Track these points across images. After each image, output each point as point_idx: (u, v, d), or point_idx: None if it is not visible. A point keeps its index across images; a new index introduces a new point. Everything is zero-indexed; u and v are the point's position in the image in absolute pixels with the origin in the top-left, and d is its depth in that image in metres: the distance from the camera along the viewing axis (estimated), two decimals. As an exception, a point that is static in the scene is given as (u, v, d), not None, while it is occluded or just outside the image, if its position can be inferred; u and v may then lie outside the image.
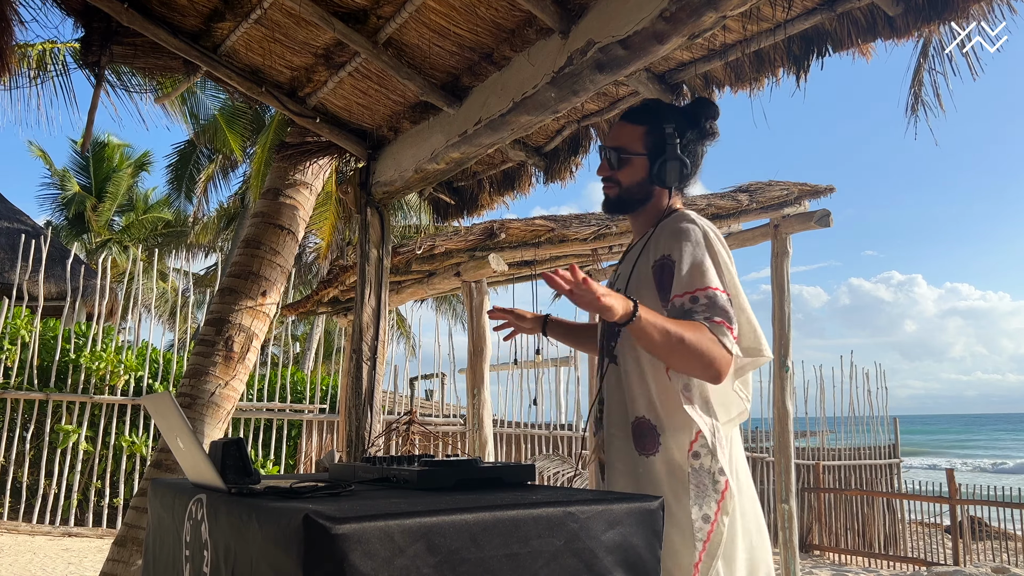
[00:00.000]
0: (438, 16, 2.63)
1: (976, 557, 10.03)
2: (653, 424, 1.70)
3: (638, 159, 1.83)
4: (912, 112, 2.47)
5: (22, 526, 7.84)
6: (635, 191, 1.84)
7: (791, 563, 5.05)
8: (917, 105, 2.47)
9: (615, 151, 1.85)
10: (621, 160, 1.83)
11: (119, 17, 2.93)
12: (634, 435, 1.72)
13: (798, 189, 5.09)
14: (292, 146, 3.84)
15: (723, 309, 1.62)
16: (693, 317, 1.61)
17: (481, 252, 5.61)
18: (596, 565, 1.26)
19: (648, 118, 1.85)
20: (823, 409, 11.69)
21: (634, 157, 1.83)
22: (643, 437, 1.70)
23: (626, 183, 1.84)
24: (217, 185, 18.17)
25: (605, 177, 1.87)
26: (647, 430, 1.70)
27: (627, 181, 1.84)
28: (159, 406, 1.56)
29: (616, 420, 1.78)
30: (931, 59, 2.36)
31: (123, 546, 3.57)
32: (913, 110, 2.48)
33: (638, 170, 1.83)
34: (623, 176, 1.84)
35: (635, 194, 1.85)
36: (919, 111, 2.47)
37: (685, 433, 1.68)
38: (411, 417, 5.61)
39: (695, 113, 1.87)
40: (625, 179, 1.84)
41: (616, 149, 1.85)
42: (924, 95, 2.45)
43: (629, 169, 1.84)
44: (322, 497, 1.32)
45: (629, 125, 1.86)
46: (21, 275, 9.25)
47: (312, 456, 9.03)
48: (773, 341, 5.13)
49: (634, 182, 1.84)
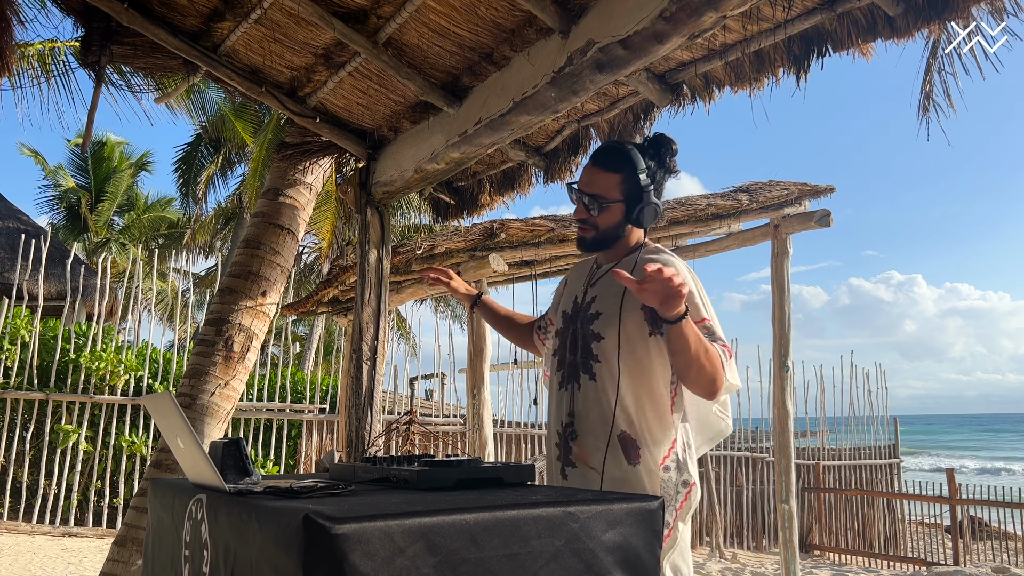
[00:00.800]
0: (438, 16, 2.63)
1: (976, 557, 10.03)
2: (634, 439, 1.82)
3: (616, 206, 1.90)
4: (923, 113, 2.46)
5: (22, 526, 7.84)
6: (611, 232, 1.93)
7: (791, 563, 5.05)
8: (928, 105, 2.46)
9: (593, 198, 1.90)
10: (600, 207, 1.89)
11: (119, 17, 2.93)
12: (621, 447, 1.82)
13: (798, 189, 5.09)
14: (292, 146, 3.84)
15: (722, 338, 1.78)
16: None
17: (481, 252, 5.62)
18: (596, 565, 1.26)
19: (622, 165, 1.90)
20: (823, 409, 11.70)
21: (612, 204, 1.89)
22: (628, 449, 1.82)
23: (603, 227, 1.92)
24: (216, 185, 18.17)
25: (581, 220, 1.94)
26: (630, 444, 1.81)
27: (604, 225, 1.91)
28: (159, 406, 1.56)
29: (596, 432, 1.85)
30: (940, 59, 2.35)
31: (123, 546, 3.57)
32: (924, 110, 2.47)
33: (615, 215, 1.91)
34: (601, 221, 1.91)
35: (611, 235, 1.93)
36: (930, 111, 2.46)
37: (661, 448, 1.82)
38: (411, 417, 5.60)
39: (658, 153, 1.94)
40: (603, 223, 1.91)
41: (594, 197, 1.90)
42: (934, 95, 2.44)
43: (607, 215, 1.90)
44: (322, 497, 1.32)
45: (604, 172, 1.91)
46: (21, 275, 9.25)
47: (312, 456, 9.03)
48: (773, 341, 5.13)
49: (610, 225, 1.92)
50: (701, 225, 5.35)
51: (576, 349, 1.93)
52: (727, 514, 10.34)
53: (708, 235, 5.64)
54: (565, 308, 2.03)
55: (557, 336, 2.03)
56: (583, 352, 1.90)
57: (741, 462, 10.64)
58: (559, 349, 2.00)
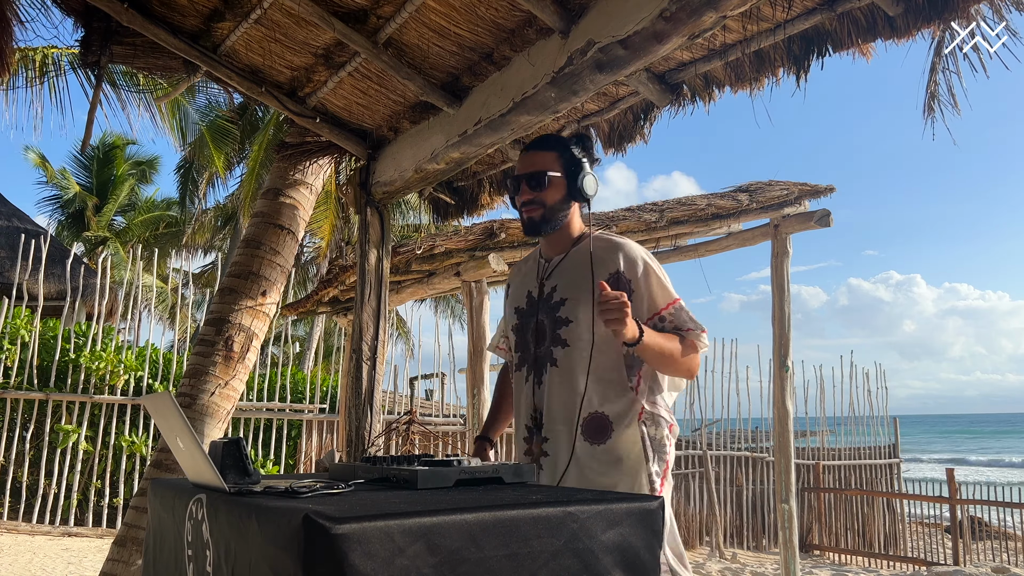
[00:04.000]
0: (438, 16, 2.63)
1: (976, 557, 10.03)
2: (606, 414, 1.91)
3: (558, 179, 1.99)
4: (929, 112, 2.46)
5: (22, 526, 7.84)
6: (557, 209, 2.00)
7: (791, 563, 5.05)
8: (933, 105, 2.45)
9: (536, 176, 1.98)
10: (545, 181, 1.98)
11: (119, 17, 2.93)
12: (585, 430, 1.90)
13: (798, 189, 5.10)
14: (292, 146, 3.84)
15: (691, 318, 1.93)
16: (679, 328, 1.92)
17: (481, 252, 5.62)
18: (596, 565, 1.26)
19: (554, 144, 2.04)
20: (823, 409, 11.69)
21: (554, 177, 1.99)
22: (596, 430, 1.90)
23: (550, 203, 1.99)
24: (216, 185, 18.18)
25: (527, 201, 2.00)
26: (601, 422, 1.90)
27: (551, 200, 1.99)
28: (159, 406, 1.56)
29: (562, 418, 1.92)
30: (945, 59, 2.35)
31: (123, 546, 3.57)
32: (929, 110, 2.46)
33: (559, 189, 2.00)
34: (547, 196, 1.99)
35: (557, 212, 2.00)
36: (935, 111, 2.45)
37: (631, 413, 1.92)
38: (411, 417, 5.61)
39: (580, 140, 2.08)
40: (549, 199, 1.99)
41: (537, 174, 1.99)
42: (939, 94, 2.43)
43: (551, 190, 1.99)
44: (322, 497, 1.32)
45: (540, 152, 2.02)
46: (21, 275, 9.24)
47: (312, 456, 9.03)
48: (773, 341, 5.13)
49: (556, 201, 2.00)
50: (701, 225, 5.35)
51: (540, 340, 1.99)
52: (727, 514, 10.33)
53: (708, 235, 5.65)
54: (518, 304, 2.08)
55: (514, 332, 2.07)
56: (549, 340, 1.96)
57: (741, 462, 10.63)
58: (518, 344, 2.05)
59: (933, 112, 2.47)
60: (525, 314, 2.05)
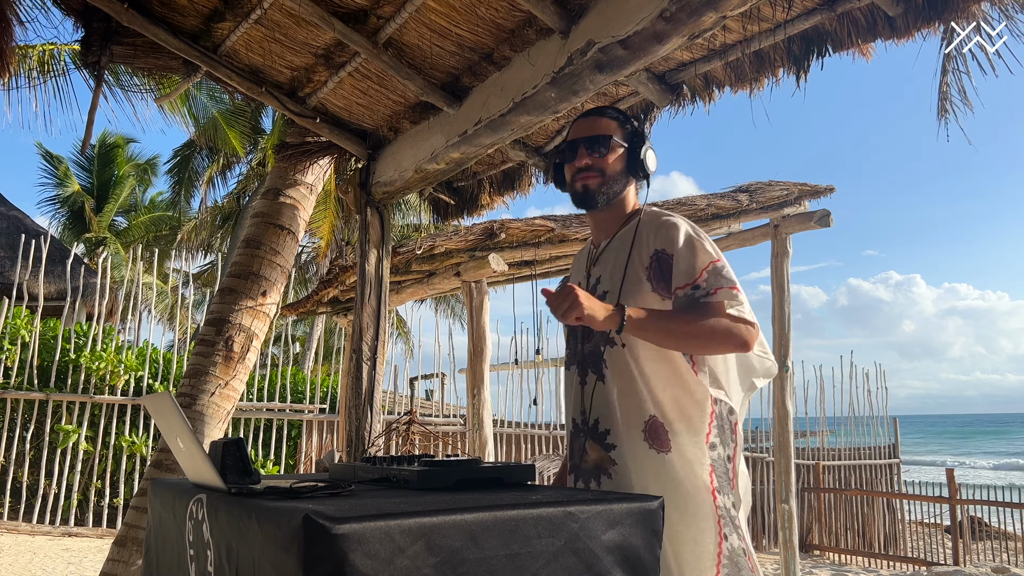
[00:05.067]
0: (438, 16, 2.63)
1: (976, 557, 10.03)
2: (662, 422, 1.70)
3: (620, 148, 1.83)
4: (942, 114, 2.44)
5: (22, 526, 7.84)
6: (615, 180, 1.83)
7: (791, 563, 5.05)
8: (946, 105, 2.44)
9: (599, 140, 1.81)
10: (609, 145, 1.81)
11: (119, 17, 2.93)
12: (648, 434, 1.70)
13: (798, 189, 5.09)
14: (292, 146, 3.84)
15: (726, 277, 1.66)
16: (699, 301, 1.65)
17: (481, 252, 5.62)
18: (596, 565, 1.26)
19: (616, 114, 1.87)
20: (823, 409, 11.69)
21: (618, 144, 1.82)
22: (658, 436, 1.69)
23: (610, 172, 1.82)
24: (216, 185, 18.16)
25: (585, 167, 1.82)
26: (659, 429, 1.69)
27: (611, 170, 1.82)
28: (159, 406, 1.56)
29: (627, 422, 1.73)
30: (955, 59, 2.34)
31: (123, 546, 3.57)
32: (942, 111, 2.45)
33: (620, 159, 1.83)
34: (608, 164, 1.81)
35: (615, 184, 1.83)
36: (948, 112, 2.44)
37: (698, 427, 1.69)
38: (411, 417, 5.61)
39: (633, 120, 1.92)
40: (609, 168, 1.82)
41: (600, 137, 1.81)
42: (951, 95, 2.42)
43: (613, 157, 1.82)
44: (322, 497, 1.32)
45: (603, 118, 1.85)
46: (21, 275, 9.24)
47: (312, 456, 9.03)
48: (773, 341, 5.13)
49: (616, 171, 1.83)
50: (701, 225, 5.35)
51: (588, 336, 1.81)
52: (727, 514, 10.33)
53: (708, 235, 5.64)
54: None
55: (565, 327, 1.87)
56: (598, 337, 1.78)
57: (741, 462, 10.63)
58: (569, 341, 1.90)
59: (947, 114, 2.45)
60: None
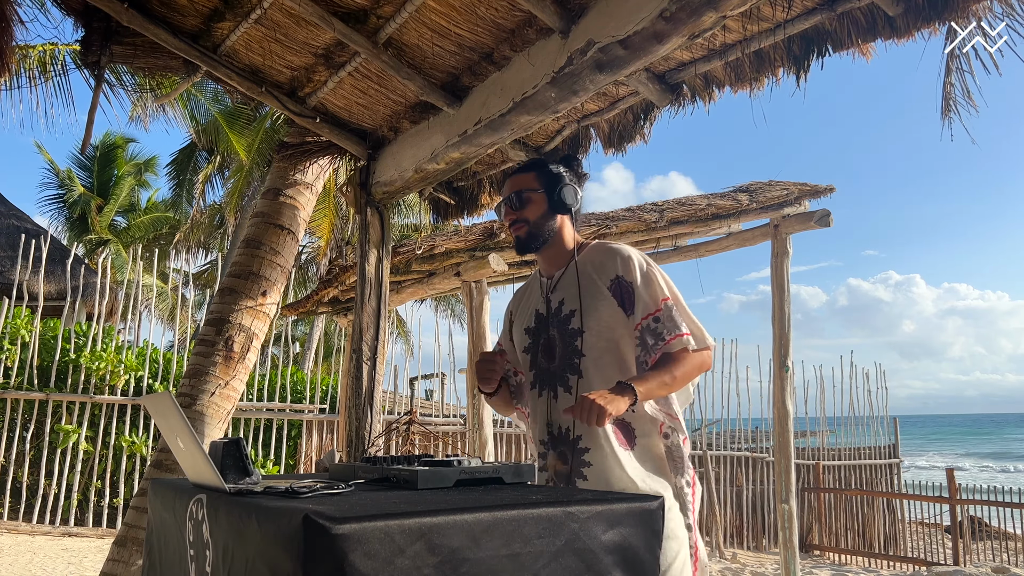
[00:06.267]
0: (438, 16, 2.63)
1: (976, 557, 10.03)
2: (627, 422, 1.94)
3: (537, 195, 2.07)
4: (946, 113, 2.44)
5: (22, 526, 7.84)
6: (542, 224, 2.07)
7: (791, 563, 5.05)
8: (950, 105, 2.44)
9: (516, 195, 2.07)
10: (523, 200, 2.06)
11: (119, 17, 2.93)
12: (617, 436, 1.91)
13: (798, 189, 5.09)
14: (292, 146, 3.84)
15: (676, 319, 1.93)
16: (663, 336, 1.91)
17: (481, 252, 5.62)
18: (596, 565, 1.26)
19: (533, 166, 2.13)
20: (823, 409, 11.68)
21: (533, 194, 2.07)
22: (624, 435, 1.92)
23: (533, 219, 2.07)
24: (214, 185, 18.15)
25: (512, 221, 2.08)
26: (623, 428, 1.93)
27: (533, 216, 2.07)
28: (159, 406, 1.56)
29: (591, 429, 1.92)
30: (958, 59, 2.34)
31: (123, 546, 3.57)
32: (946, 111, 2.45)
33: (540, 205, 2.07)
34: (528, 213, 2.07)
35: (543, 227, 2.07)
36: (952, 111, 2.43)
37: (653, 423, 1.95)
38: (411, 417, 5.61)
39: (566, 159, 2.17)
40: (531, 215, 2.07)
41: (516, 194, 2.07)
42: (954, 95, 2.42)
43: (532, 206, 2.07)
44: (322, 497, 1.32)
45: (520, 175, 2.11)
46: (21, 274, 9.24)
47: (312, 456, 9.03)
48: (773, 341, 5.13)
49: (539, 215, 2.07)
50: (701, 225, 5.35)
51: (554, 355, 2.01)
52: (727, 514, 10.33)
53: (708, 235, 5.64)
54: (527, 324, 2.12)
55: (526, 352, 2.10)
56: (566, 353, 1.99)
57: (741, 462, 10.63)
58: (533, 362, 2.08)
59: (950, 114, 2.45)
60: (535, 332, 2.08)
